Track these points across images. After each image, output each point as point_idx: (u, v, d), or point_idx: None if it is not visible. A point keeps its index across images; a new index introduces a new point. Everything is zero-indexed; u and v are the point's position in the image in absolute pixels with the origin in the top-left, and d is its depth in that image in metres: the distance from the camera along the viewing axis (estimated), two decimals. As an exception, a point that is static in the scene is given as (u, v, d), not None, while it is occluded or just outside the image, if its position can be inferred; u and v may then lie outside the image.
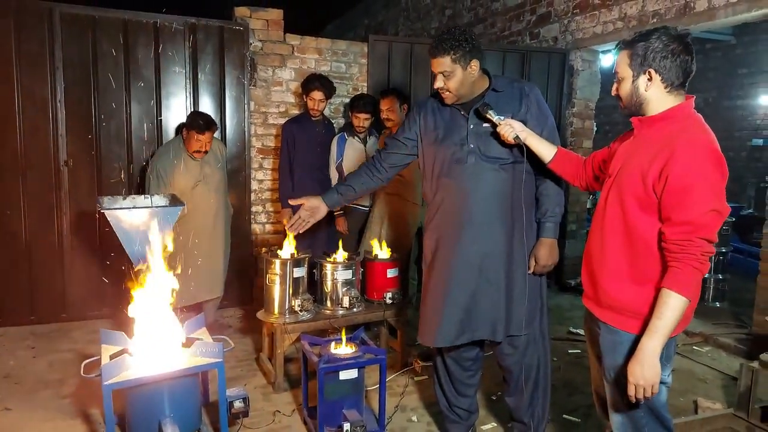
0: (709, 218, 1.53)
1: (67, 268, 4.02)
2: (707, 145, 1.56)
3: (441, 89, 2.20)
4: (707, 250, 1.54)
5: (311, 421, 2.68)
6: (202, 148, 3.51)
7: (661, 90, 1.63)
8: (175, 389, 2.44)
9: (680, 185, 1.54)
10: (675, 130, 1.60)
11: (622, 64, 1.68)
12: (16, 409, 2.81)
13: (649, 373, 1.57)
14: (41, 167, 3.89)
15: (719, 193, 1.55)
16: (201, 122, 3.46)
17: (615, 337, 1.72)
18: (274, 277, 3.12)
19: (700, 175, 1.53)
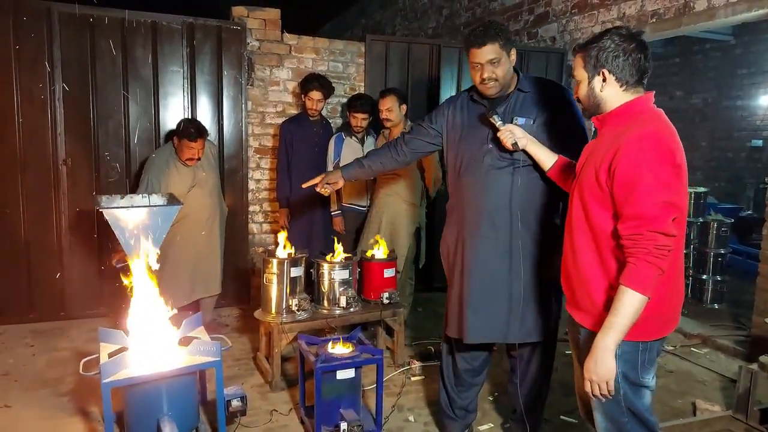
0: (659, 210, 1.50)
1: (65, 267, 4.03)
2: (654, 136, 1.54)
3: (489, 79, 2.16)
4: (661, 243, 1.50)
5: (308, 420, 2.70)
6: (195, 156, 3.51)
7: (617, 89, 1.65)
8: (173, 388, 2.46)
9: (627, 179, 1.54)
10: (627, 124, 1.62)
11: (578, 68, 1.71)
12: (15, 406, 2.83)
13: (601, 369, 1.58)
14: (40, 166, 3.90)
15: (669, 183, 1.52)
16: (193, 130, 3.46)
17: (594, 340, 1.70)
18: (271, 277, 3.13)
19: (645, 166, 1.51)
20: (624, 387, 1.68)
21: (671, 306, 1.68)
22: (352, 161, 2.75)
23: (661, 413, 2.92)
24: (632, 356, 1.66)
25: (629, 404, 1.69)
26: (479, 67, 2.17)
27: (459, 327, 2.34)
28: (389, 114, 3.73)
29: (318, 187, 2.67)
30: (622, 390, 1.68)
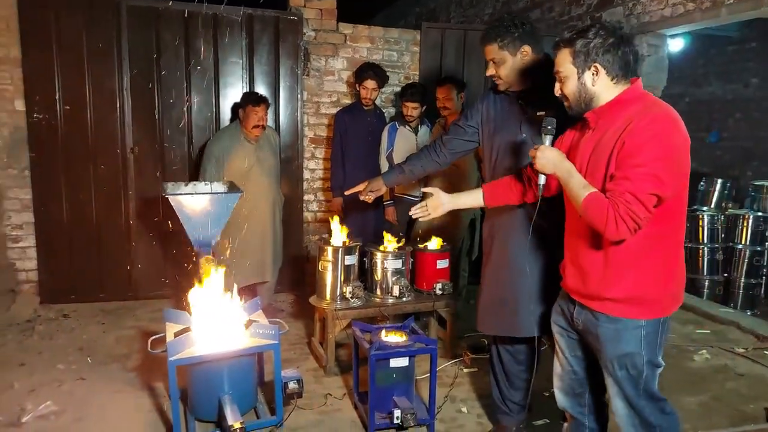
0: (645, 178, 1.55)
1: (132, 250, 4.25)
2: (666, 121, 1.59)
3: (492, 76, 2.23)
4: (635, 209, 1.54)
5: (362, 405, 2.74)
6: (260, 122, 3.61)
7: (608, 82, 1.68)
8: (234, 368, 2.56)
9: (630, 151, 1.58)
10: (634, 110, 1.64)
11: (565, 63, 1.72)
12: (89, 379, 3.02)
13: (546, 153, 1.77)
14: (109, 154, 4.11)
15: (669, 163, 1.56)
16: (254, 95, 3.62)
17: (617, 325, 1.73)
18: (326, 264, 3.19)
19: (650, 144, 1.55)
20: (647, 371, 1.74)
21: (679, 285, 1.77)
22: (393, 167, 2.76)
23: (730, 417, 2.80)
24: (654, 337, 1.72)
25: (648, 387, 1.75)
26: (489, 63, 2.21)
27: (478, 318, 2.44)
28: (447, 103, 3.69)
29: (362, 194, 2.70)
30: (645, 374, 1.74)
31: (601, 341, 1.76)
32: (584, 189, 1.65)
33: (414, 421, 2.51)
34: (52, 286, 4.11)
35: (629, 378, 1.74)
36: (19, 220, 4.03)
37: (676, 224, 1.70)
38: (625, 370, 1.74)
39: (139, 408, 2.74)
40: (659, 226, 1.64)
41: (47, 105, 3.92)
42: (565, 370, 1.98)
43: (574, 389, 1.99)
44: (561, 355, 1.99)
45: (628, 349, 1.72)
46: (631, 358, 1.72)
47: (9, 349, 3.36)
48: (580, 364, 1.96)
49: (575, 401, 2.01)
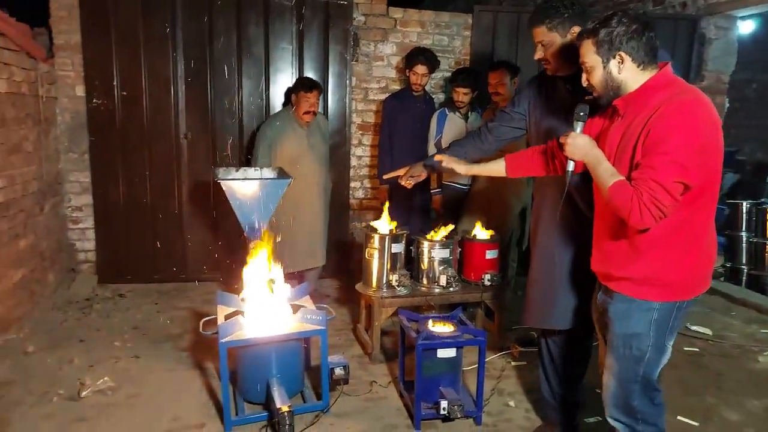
0: (670, 166, 1.54)
1: (185, 233, 4.37)
2: (695, 106, 1.57)
3: (541, 60, 2.16)
4: (660, 196, 1.54)
5: (407, 394, 2.72)
6: (312, 108, 3.61)
7: (635, 69, 1.68)
8: (282, 352, 2.59)
9: (656, 138, 1.57)
10: (662, 96, 1.62)
11: (589, 53, 1.71)
12: (143, 357, 3.13)
13: (576, 140, 1.77)
14: (164, 140, 4.22)
15: (695, 150, 1.55)
16: (306, 81, 3.61)
17: (630, 305, 1.74)
18: (372, 252, 3.17)
19: (678, 131, 1.54)
20: (651, 353, 1.75)
21: (704, 269, 1.74)
22: (434, 154, 2.68)
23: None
24: (665, 321, 1.72)
25: (647, 371, 1.77)
26: (537, 46, 2.14)
27: (522, 311, 2.42)
28: (499, 88, 3.59)
29: (401, 179, 2.64)
30: (648, 356, 1.75)
31: (611, 318, 1.79)
32: (611, 177, 1.66)
33: (461, 412, 2.47)
34: (109, 266, 4.28)
35: (631, 358, 1.76)
36: (78, 202, 4.20)
37: (704, 210, 1.68)
38: (629, 350, 1.76)
39: (190, 387, 2.82)
40: (686, 212, 1.64)
41: (106, 91, 4.05)
42: None
43: None
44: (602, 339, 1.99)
45: (637, 329, 1.74)
46: (637, 339, 1.74)
47: (70, 325, 3.52)
48: None
49: None
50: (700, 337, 3.66)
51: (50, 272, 3.86)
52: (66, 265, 4.16)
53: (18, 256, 3.35)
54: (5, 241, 3.19)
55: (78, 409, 2.57)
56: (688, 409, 2.76)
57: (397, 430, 2.54)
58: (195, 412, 2.60)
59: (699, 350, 3.49)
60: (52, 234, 3.92)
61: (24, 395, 2.66)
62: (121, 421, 2.49)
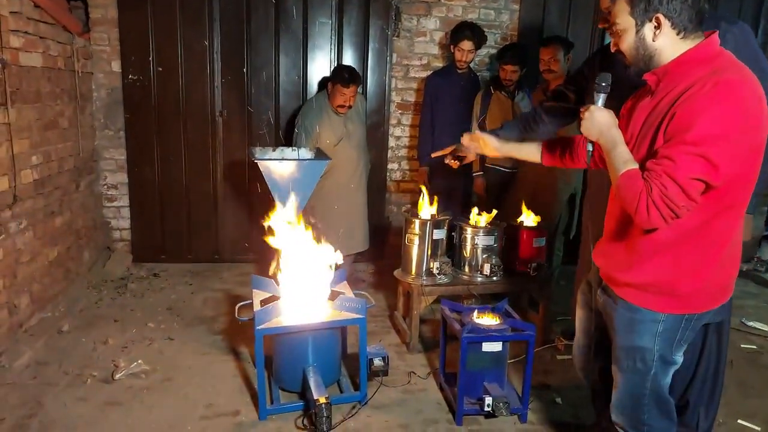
0: (691, 160, 1.30)
1: (219, 214, 4.30)
2: (732, 86, 1.29)
3: (606, 29, 1.94)
4: (672, 193, 1.31)
5: (448, 388, 2.59)
6: (347, 103, 3.44)
7: (673, 37, 1.41)
8: (320, 340, 2.48)
9: (682, 123, 1.32)
10: (703, 71, 1.36)
11: (621, 14, 1.45)
12: (177, 339, 3.07)
13: (595, 115, 1.51)
14: (199, 117, 4.12)
15: (727, 143, 1.28)
16: (346, 75, 3.38)
17: (634, 315, 1.57)
18: (413, 237, 3.02)
19: (706, 115, 1.28)
20: (656, 367, 1.60)
21: (722, 278, 1.53)
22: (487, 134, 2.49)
23: None
24: (672, 333, 1.56)
25: (655, 383, 1.63)
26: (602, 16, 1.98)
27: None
28: (552, 65, 3.35)
29: (447, 158, 2.44)
30: (654, 369, 1.61)
31: (615, 328, 1.64)
32: (624, 164, 1.42)
33: (506, 410, 2.33)
34: (143, 245, 4.25)
35: (636, 372, 1.63)
36: (114, 180, 4.17)
37: (729, 214, 1.43)
38: (633, 362, 1.62)
39: (224, 372, 2.74)
40: (706, 214, 1.41)
41: (141, 67, 3.97)
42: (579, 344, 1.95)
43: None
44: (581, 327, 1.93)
45: (640, 343, 1.58)
46: (641, 353, 1.59)
47: (105, 305, 3.49)
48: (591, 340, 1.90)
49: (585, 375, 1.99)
50: (759, 334, 3.42)
51: (85, 250, 3.84)
52: (101, 243, 4.15)
53: (54, 234, 3.33)
54: (41, 218, 3.16)
55: (111, 391, 2.52)
56: (749, 412, 2.56)
57: (437, 425, 2.41)
58: (229, 398, 2.52)
59: (757, 348, 3.25)
60: (88, 212, 3.90)
61: (58, 376, 2.63)
62: (154, 407, 2.42)
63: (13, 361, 2.70)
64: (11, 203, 2.82)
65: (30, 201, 3.03)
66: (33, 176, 3.06)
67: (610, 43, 1.67)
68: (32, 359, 2.76)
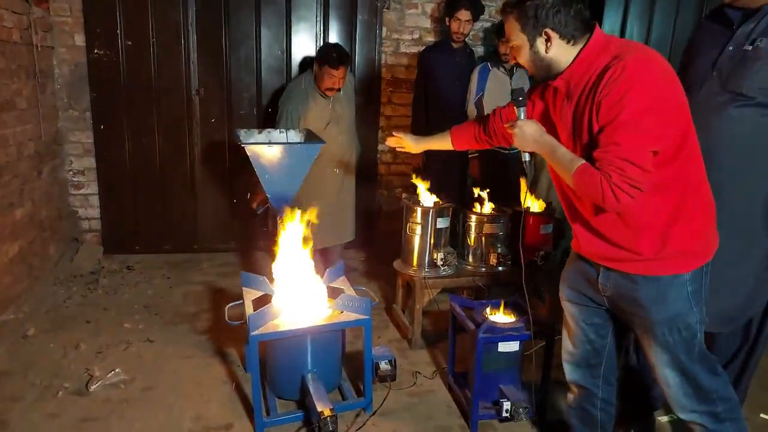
0: (634, 137, 1.37)
1: (198, 200, 4.00)
2: (638, 64, 1.38)
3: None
4: (630, 173, 1.37)
5: (459, 390, 2.40)
6: (335, 85, 3.15)
7: (564, 46, 1.51)
8: (320, 343, 2.27)
9: (610, 108, 1.39)
10: (604, 60, 1.45)
11: (513, 31, 1.54)
12: (157, 341, 2.81)
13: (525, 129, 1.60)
14: (174, 95, 3.78)
15: (657, 112, 1.37)
16: (335, 55, 3.07)
17: (658, 284, 1.54)
18: (414, 227, 2.80)
19: (630, 96, 1.36)
20: (701, 332, 1.58)
21: (711, 216, 1.59)
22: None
23: None
24: (700, 290, 1.56)
25: (702, 349, 1.60)
26: None
27: None
28: None
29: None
30: (699, 335, 1.58)
31: (644, 305, 1.57)
32: (571, 162, 1.49)
33: (526, 415, 2.16)
34: (115, 236, 3.92)
35: (683, 342, 1.58)
36: (80, 165, 3.81)
37: (688, 165, 1.49)
38: (678, 334, 1.57)
39: (212, 378, 2.50)
40: (666, 173, 1.46)
41: (108, 40, 3.59)
42: (579, 340, 1.82)
43: (588, 360, 1.84)
44: (574, 325, 1.83)
45: (678, 309, 1.55)
46: (683, 319, 1.56)
47: (74, 303, 3.18)
48: (597, 332, 1.80)
49: (588, 372, 1.86)
50: None
51: (51, 243, 3.50)
52: (68, 234, 3.80)
53: (14, 228, 2.99)
54: (-2, 210, 2.82)
55: (86, 405, 2.25)
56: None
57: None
58: (219, 408, 2.28)
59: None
60: (52, 201, 3.55)
61: (24, 388, 2.34)
62: (135, 421, 2.17)
63: (-30, 373, 2.40)
64: (-38, 195, 2.49)
65: (-16, 191, 2.70)
66: (-13, 164, 2.71)
67: None
68: (-7, 370, 2.46)
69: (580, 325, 1.80)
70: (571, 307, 1.82)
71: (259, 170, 2.60)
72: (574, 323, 1.82)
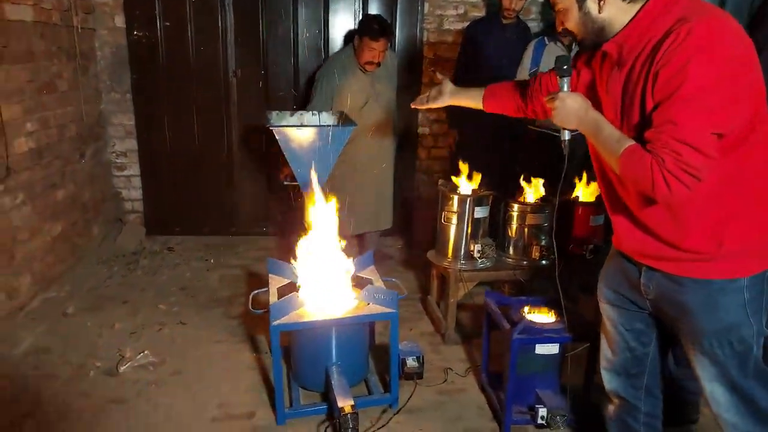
0: (695, 117, 1.18)
1: (235, 183, 3.98)
2: (708, 30, 1.18)
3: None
4: (686, 158, 1.17)
5: (492, 390, 2.26)
6: (375, 59, 3.01)
7: (620, 4, 1.32)
8: (345, 335, 2.18)
9: (668, 79, 1.19)
10: (664, 26, 1.24)
11: None
12: (190, 324, 2.81)
13: (567, 103, 1.38)
14: (211, 78, 3.76)
15: (724, 87, 1.17)
16: (376, 27, 2.94)
17: (709, 288, 1.35)
18: (450, 216, 2.65)
19: (692, 68, 1.16)
20: (756, 342, 1.38)
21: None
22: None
23: None
24: (760, 297, 1.36)
25: (757, 364, 1.40)
26: None
27: None
28: None
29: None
30: (757, 350, 1.38)
31: (691, 312, 1.39)
32: (619, 143, 1.29)
33: (563, 424, 2.00)
34: (157, 217, 3.97)
35: (735, 356, 1.39)
36: (123, 147, 3.86)
37: (756, 152, 1.29)
38: (729, 348, 1.37)
39: (239, 364, 2.47)
40: (729, 160, 1.26)
41: (147, 22, 3.59)
42: (619, 347, 1.64)
43: (628, 369, 1.66)
44: (613, 330, 1.64)
45: (732, 319, 1.36)
46: (737, 331, 1.37)
47: (114, 283, 3.24)
48: (638, 338, 1.61)
49: (629, 382, 1.67)
50: None
51: (94, 224, 3.58)
52: (112, 215, 3.88)
53: (56, 208, 3.06)
54: (40, 191, 2.88)
55: (115, 386, 2.27)
56: None
57: (480, 435, 2.10)
58: (244, 396, 2.24)
59: None
60: (96, 182, 3.62)
61: (60, 366, 2.39)
62: (160, 406, 2.16)
63: (12, 348, 2.47)
64: (4, 176, 2.54)
65: (26, 173, 2.75)
66: (28, 145, 2.76)
67: None
68: (33, 346, 2.53)
69: (619, 330, 1.63)
70: (609, 310, 1.64)
71: (288, 154, 2.52)
72: (613, 328, 1.64)
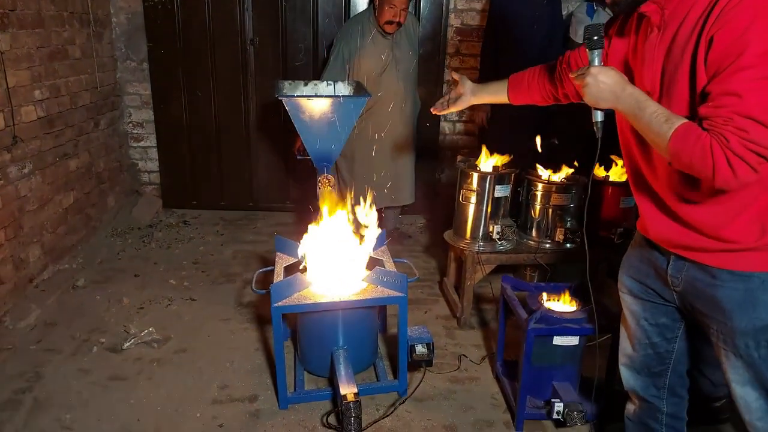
0: (761, 86, 1.01)
1: (252, 156, 3.89)
2: None
3: None
4: (753, 136, 1.01)
5: (506, 380, 2.13)
6: (396, 18, 2.84)
7: None
8: (351, 319, 2.07)
9: (727, 45, 1.04)
10: None
11: None
12: (199, 300, 2.75)
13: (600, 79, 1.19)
14: (228, 46, 3.63)
15: None
16: None
17: (748, 284, 1.21)
18: (469, 195, 2.49)
19: (754, 34, 1.00)
20: None
21: None
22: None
23: None
24: None
25: None
26: None
27: None
28: None
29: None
30: None
31: (725, 309, 1.25)
32: (668, 123, 1.11)
33: (581, 420, 1.85)
34: (173, 189, 3.92)
35: None
36: (139, 117, 3.80)
37: None
38: (765, 349, 1.24)
39: (245, 344, 2.40)
40: None
41: (163, -14, 3.48)
42: (640, 343, 1.50)
43: (650, 367, 1.52)
44: (634, 324, 1.50)
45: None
46: None
47: (127, 256, 3.21)
48: (662, 334, 1.47)
49: (650, 382, 1.53)
50: None
51: (110, 195, 3.55)
52: (129, 187, 3.85)
53: (68, 178, 3.02)
54: (50, 161, 2.83)
55: (118, 363, 2.23)
56: None
57: (492, 429, 1.97)
58: (247, 378, 2.17)
59: None
60: (112, 152, 3.57)
61: (64, 341, 2.36)
62: (161, 385, 2.11)
63: (18, 320, 2.45)
64: (10, 144, 2.49)
65: (35, 142, 2.70)
66: (37, 113, 2.70)
67: None
68: (39, 319, 2.51)
69: (641, 324, 1.48)
70: (631, 302, 1.49)
71: (298, 126, 2.38)
72: (635, 322, 1.49)
